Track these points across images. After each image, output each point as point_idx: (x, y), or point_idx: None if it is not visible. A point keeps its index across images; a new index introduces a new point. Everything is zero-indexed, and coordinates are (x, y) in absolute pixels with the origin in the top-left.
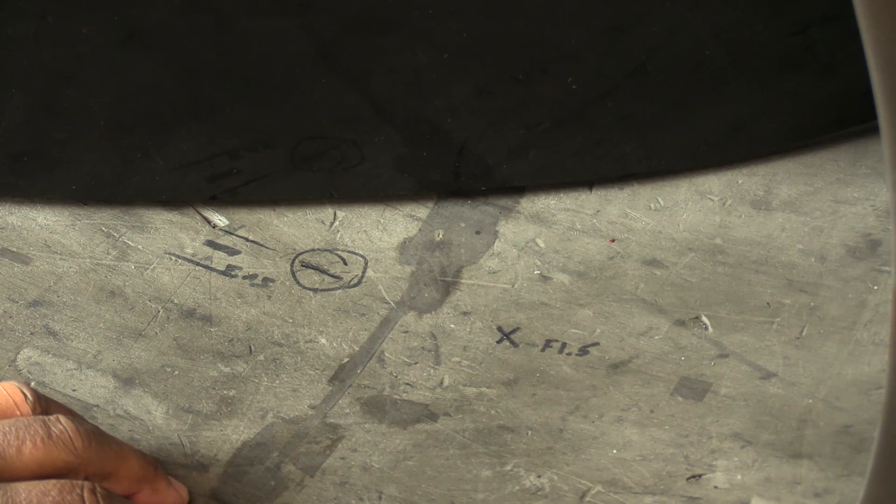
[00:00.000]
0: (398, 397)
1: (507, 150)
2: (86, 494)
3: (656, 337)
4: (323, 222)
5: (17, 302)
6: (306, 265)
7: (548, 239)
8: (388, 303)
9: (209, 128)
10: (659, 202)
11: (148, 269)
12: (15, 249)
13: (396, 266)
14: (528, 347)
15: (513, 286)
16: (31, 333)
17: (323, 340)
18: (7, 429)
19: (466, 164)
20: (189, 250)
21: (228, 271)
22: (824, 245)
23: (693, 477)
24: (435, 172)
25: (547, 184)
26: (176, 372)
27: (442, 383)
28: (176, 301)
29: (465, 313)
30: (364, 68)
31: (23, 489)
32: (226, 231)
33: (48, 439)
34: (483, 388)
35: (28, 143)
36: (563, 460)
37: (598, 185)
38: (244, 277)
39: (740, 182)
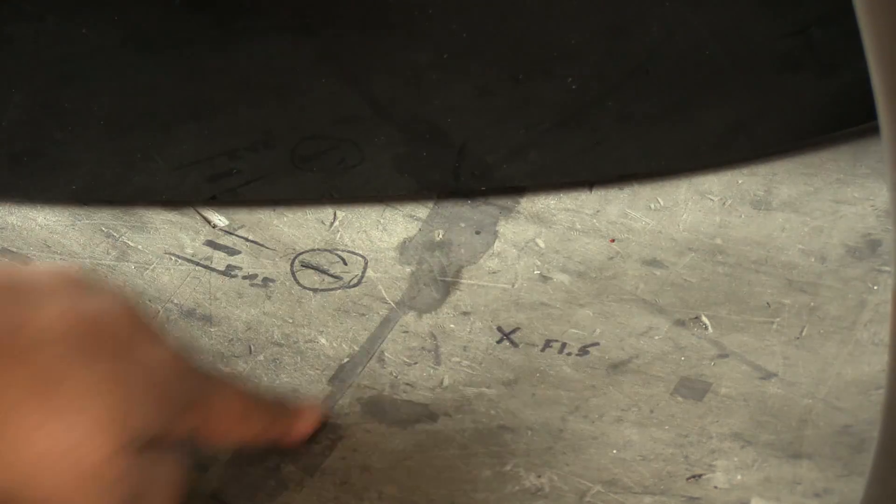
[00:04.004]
0: (398, 397)
1: (507, 150)
2: None
3: (656, 337)
4: (323, 222)
5: None
6: (306, 265)
7: (548, 239)
8: (388, 303)
9: (209, 128)
10: (659, 202)
11: (148, 269)
12: (15, 249)
13: (396, 266)
14: (528, 347)
15: (513, 286)
16: None
17: (323, 340)
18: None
19: (466, 164)
20: (189, 250)
21: (228, 271)
22: (824, 245)
23: (693, 477)
24: (435, 172)
25: (547, 184)
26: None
27: (442, 383)
28: (176, 301)
29: (465, 313)
30: (364, 68)
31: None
32: (226, 231)
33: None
34: (483, 388)
35: (28, 143)
36: (563, 460)
37: (598, 185)
38: (244, 277)
39: (740, 182)
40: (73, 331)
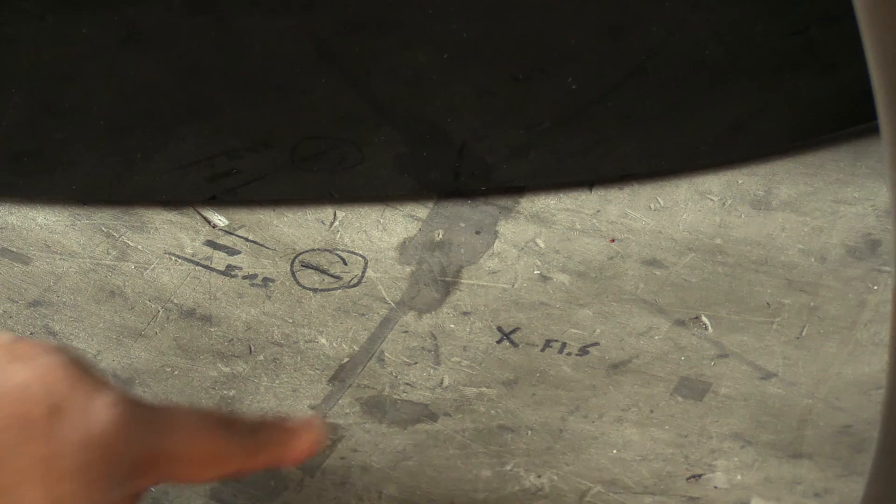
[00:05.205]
0: (398, 397)
1: (507, 150)
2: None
3: (656, 337)
4: (323, 222)
5: (17, 302)
6: (306, 265)
7: (548, 239)
8: (388, 303)
9: (209, 128)
10: (659, 202)
11: (148, 269)
12: (15, 249)
13: (396, 266)
14: (528, 347)
15: (513, 286)
16: (31, 333)
17: (323, 340)
18: None
19: (466, 164)
20: (189, 250)
21: (228, 271)
22: (824, 245)
23: (693, 477)
24: (435, 172)
25: (547, 184)
26: (176, 372)
27: (442, 383)
28: (176, 301)
29: (465, 313)
30: (364, 68)
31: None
32: (226, 231)
33: None
34: (483, 388)
35: (28, 143)
36: (563, 460)
37: (598, 185)
38: (244, 277)
39: (740, 182)
40: None
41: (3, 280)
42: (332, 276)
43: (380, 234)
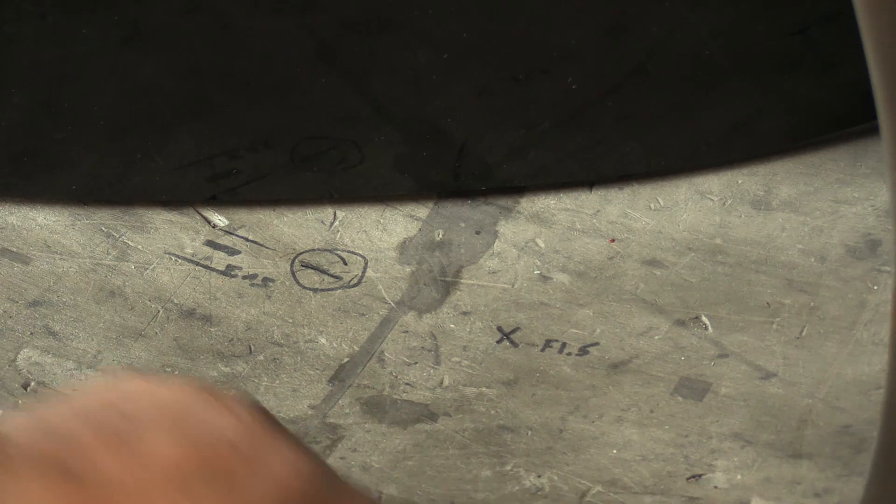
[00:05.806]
0: (398, 397)
1: (507, 150)
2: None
3: (656, 337)
4: (323, 222)
5: (17, 302)
6: (306, 265)
7: (548, 239)
8: (388, 303)
9: (209, 128)
10: (659, 202)
11: (148, 269)
12: (15, 249)
13: (396, 266)
14: (528, 347)
15: (513, 286)
16: (31, 333)
17: (323, 340)
18: None
19: (466, 164)
20: (189, 250)
21: (228, 271)
22: (824, 245)
23: (693, 477)
24: (435, 172)
25: (547, 184)
26: (176, 372)
27: (442, 383)
28: (176, 301)
29: (465, 313)
30: (364, 68)
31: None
32: (226, 231)
33: None
34: (483, 388)
35: (28, 143)
36: (563, 460)
37: (598, 185)
38: (244, 277)
39: (740, 182)
40: (183, 471)
41: (3, 280)
42: (332, 276)
43: (380, 234)
